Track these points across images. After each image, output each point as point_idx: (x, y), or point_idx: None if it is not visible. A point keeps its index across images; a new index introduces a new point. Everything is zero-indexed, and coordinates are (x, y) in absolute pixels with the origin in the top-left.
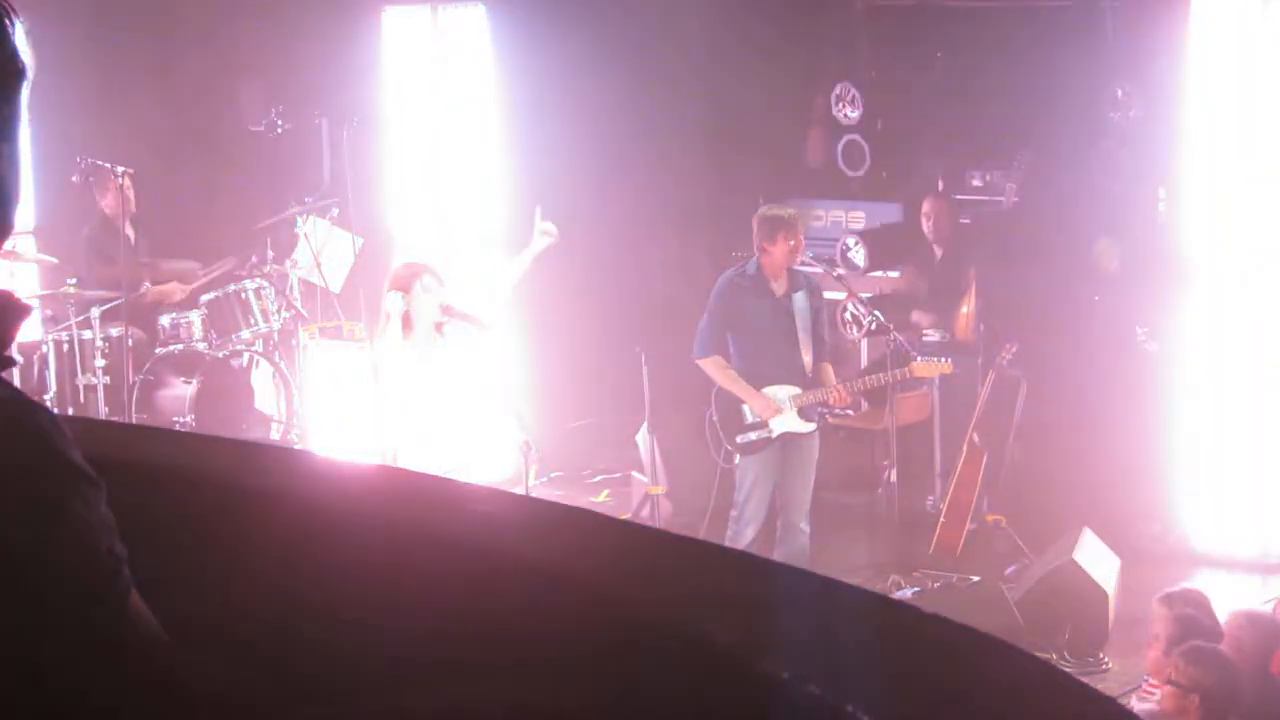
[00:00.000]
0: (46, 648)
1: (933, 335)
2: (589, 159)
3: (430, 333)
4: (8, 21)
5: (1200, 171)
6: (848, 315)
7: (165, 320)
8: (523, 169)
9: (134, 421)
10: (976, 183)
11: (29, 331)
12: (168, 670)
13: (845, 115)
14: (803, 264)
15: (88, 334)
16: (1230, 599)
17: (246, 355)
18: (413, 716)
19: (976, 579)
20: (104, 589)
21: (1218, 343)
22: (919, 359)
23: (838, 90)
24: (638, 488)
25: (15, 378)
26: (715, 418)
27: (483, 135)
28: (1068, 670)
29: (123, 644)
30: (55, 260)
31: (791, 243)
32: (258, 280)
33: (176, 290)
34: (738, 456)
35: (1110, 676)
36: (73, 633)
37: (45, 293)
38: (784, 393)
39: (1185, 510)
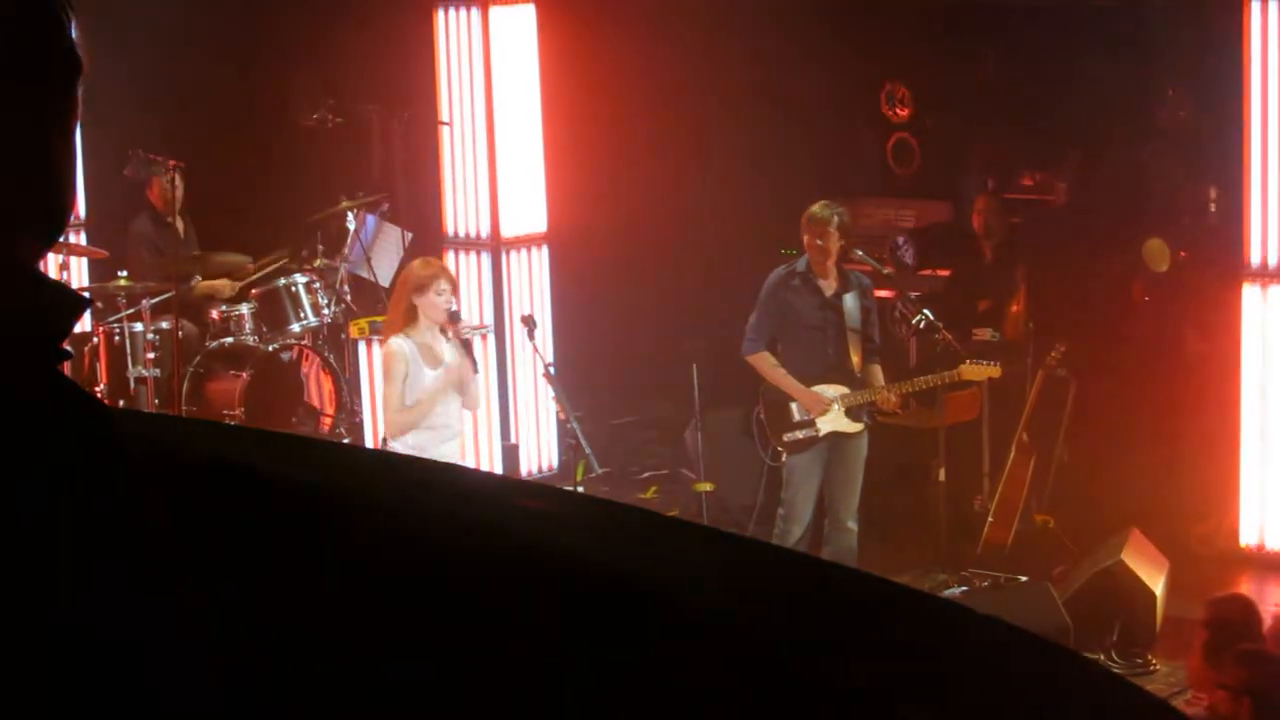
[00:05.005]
0: (90, 645)
1: (984, 334)
2: (638, 156)
3: (436, 332)
4: (65, 16)
5: (1253, 171)
6: (896, 314)
7: (215, 313)
8: (572, 166)
9: (184, 414)
10: (1027, 182)
11: (79, 324)
12: (221, 667)
13: (895, 113)
14: (851, 262)
15: (138, 327)
16: None
17: (296, 349)
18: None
19: (1024, 579)
20: (157, 582)
21: (1269, 343)
22: (968, 362)
23: (888, 88)
24: (685, 485)
25: (66, 370)
26: (763, 416)
27: (532, 133)
28: (1117, 672)
29: (176, 642)
30: (105, 253)
31: (819, 241)
32: (308, 274)
33: (226, 286)
34: (785, 455)
35: (1158, 678)
36: (124, 631)
37: (95, 285)
38: (832, 392)
39: (1236, 511)
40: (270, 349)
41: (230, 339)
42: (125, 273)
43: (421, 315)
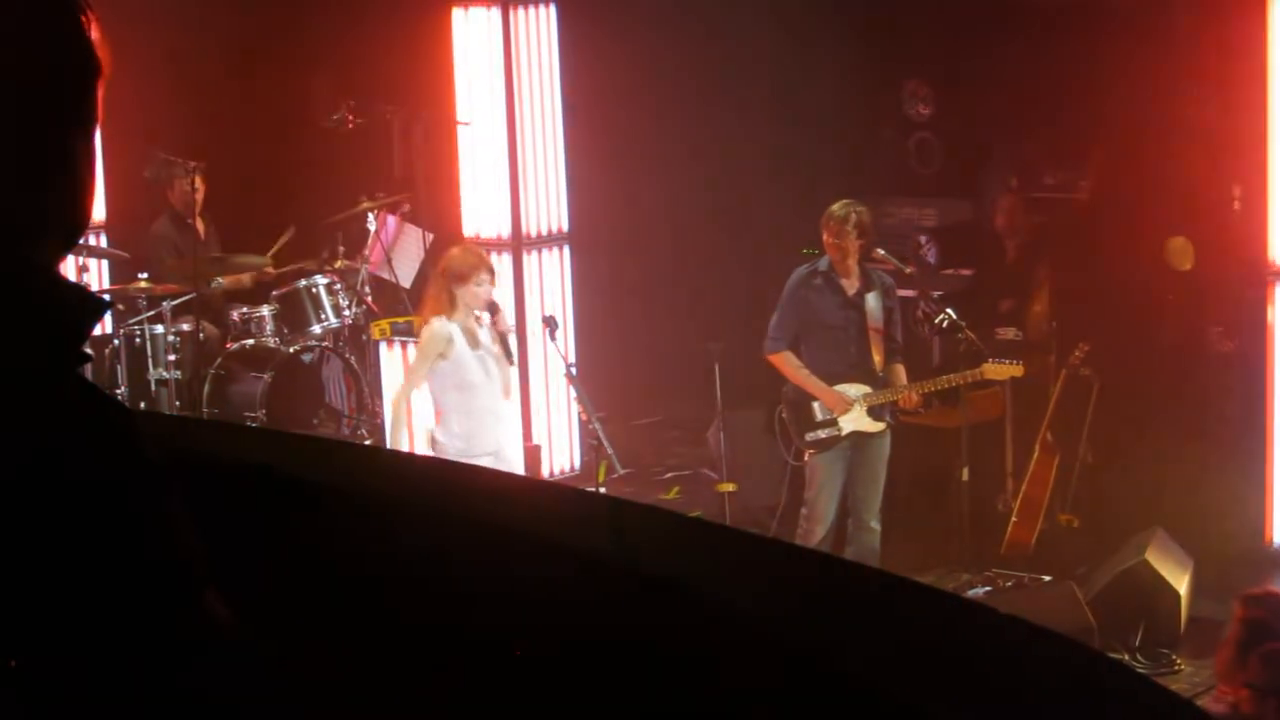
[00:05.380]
0: (125, 646)
1: (1006, 334)
2: (659, 156)
3: (473, 317)
4: (83, 18)
5: (1276, 169)
6: (918, 313)
7: (236, 315)
8: (593, 166)
9: (205, 417)
10: (1050, 180)
11: (99, 326)
12: (246, 664)
13: (917, 112)
14: (873, 261)
15: (159, 329)
16: None
17: (317, 350)
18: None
19: (1048, 578)
20: (183, 585)
21: None
22: (991, 361)
23: (910, 86)
24: (708, 485)
25: (87, 373)
26: (785, 415)
27: (553, 133)
28: (1141, 672)
29: (203, 641)
30: (126, 255)
31: (836, 240)
32: (329, 275)
33: (245, 276)
34: (807, 454)
35: (1182, 678)
36: (153, 631)
37: (116, 287)
38: (854, 391)
39: (1262, 509)
40: (291, 351)
41: (251, 341)
42: (146, 275)
43: (460, 304)
